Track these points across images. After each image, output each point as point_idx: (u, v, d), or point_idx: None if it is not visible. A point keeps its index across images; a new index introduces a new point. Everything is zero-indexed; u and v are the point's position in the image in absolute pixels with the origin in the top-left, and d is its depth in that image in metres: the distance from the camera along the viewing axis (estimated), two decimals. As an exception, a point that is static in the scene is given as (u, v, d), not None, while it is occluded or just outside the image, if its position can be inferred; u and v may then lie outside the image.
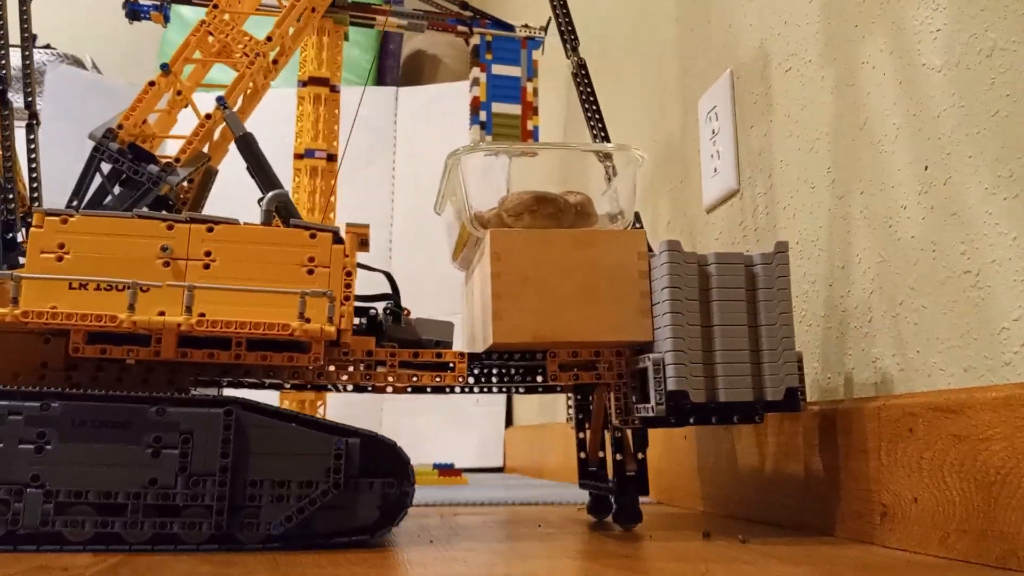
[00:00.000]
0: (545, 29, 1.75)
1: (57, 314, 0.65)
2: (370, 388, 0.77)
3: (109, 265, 0.69)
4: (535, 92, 1.73)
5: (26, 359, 0.72)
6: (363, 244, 0.75)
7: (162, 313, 0.67)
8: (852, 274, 0.77)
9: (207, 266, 0.70)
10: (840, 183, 0.79)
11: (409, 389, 0.78)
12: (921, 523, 0.63)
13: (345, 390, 0.77)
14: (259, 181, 0.81)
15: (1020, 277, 0.58)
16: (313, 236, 0.71)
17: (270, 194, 0.73)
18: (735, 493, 0.91)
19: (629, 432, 0.80)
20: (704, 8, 1.10)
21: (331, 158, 1.63)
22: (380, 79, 2.71)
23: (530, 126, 1.72)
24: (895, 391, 0.70)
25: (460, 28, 1.72)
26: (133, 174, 0.79)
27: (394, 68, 2.72)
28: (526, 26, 1.73)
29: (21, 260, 0.81)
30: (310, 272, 0.71)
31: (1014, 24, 0.59)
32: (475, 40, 1.73)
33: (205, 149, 0.85)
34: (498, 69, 1.72)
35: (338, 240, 0.72)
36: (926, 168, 0.68)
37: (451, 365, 0.76)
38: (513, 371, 0.77)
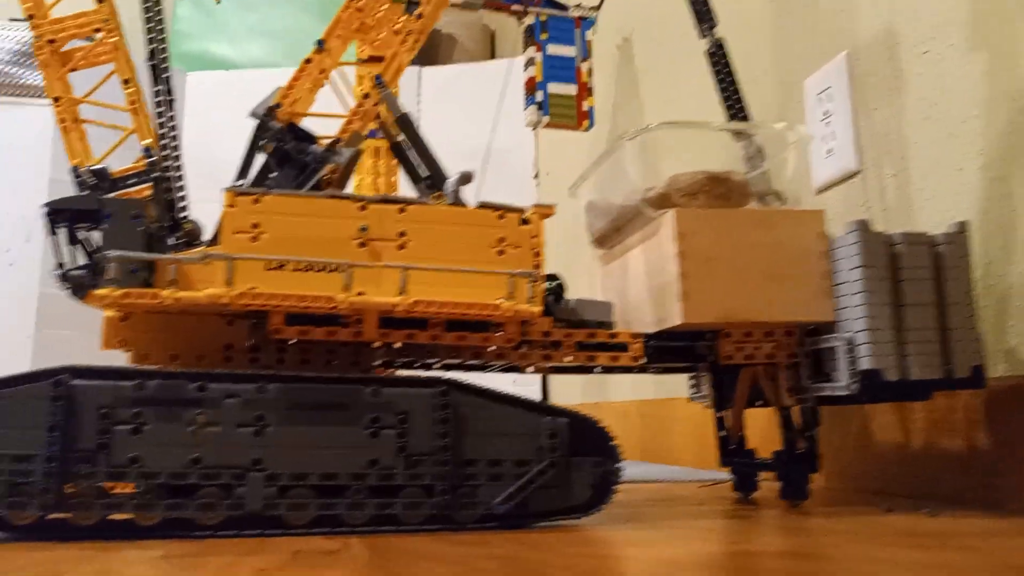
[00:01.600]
0: (597, 8, 1.74)
1: (274, 295, 0.63)
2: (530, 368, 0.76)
3: (302, 245, 0.67)
4: (590, 72, 1.72)
5: (210, 341, 0.71)
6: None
7: (360, 293, 0.66)
8: (1014, 253, 0.78)
9: (402, 246, 0.69)
10: (995, 165, 0.81)
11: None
12: (1124, 495, 0.64)
13: (522, 371, 0.77)
14: (422, 160, 0.80)
15: None
16: (501, 217, 0.71)
17: (458, 174, 0.72)
18: (870, 469, 0.93)
19: (796, 410, 0.80)
20: (809, -10, 1.11)
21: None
22: (399, 58, 2.67)
23: (585, 106, 1.72)
24: (1071, 368, 0.72)
25: (515, 7, 1.70)
26: (298, 153, 0.77)
27: (412, 47, 2.68)
28: (579, 6, 1.73)
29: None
30: (500, 253, 0.70)
31: None
32: (529, 20, 1.71)
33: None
34: (553, 49, 1.71)
35: (524, 221, 0.72)
36: (1114, 150, 0.69)
37: (626, 346, 0.76)
38: (685, 351, 0.78)
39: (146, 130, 0.77)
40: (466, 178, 0.72)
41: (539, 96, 1.69)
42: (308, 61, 0.80)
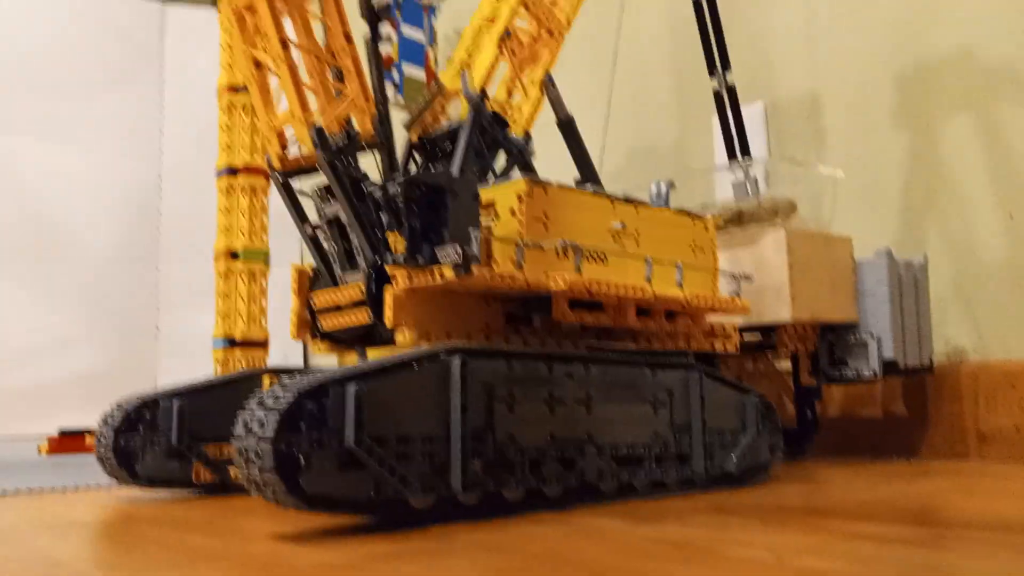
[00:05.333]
0: (443, -3, 1.81)
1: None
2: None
3: (572, 234, 0.72)
4: (435, 60, 1.79)
5: (473, 320, 0.72)
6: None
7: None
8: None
9: (637, 242, 0.77)
10: (911, 211, 1.14)
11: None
12: (1023, 443, 1.00)
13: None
14: (577, 161, 0.88)
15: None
16: (694, 222, 0.83)
17: (667, 180, 0.82)
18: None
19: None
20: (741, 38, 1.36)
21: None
22: (132, -13, 2.37)
23: (430, 93, 1.78)
24: (968, 360, 1.07)
25: (373, -19, 1.70)
26: (504, 140, 0.80)
27: (147, -22, 2.40)
28: (428, -8, 1.79)
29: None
30: (694, 253, 0.83)
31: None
32: (385, -4, 1.72)
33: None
34: (406, 30, 1.75)
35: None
36: (1011, 216, 1.05)
37: (730, 335, 0.93)
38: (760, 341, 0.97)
39: (368, 93, 0.73)
40: (672, 184, 0.83)
41: (395, 76, 1.72)
42: (500, 51, 0.82)
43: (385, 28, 1.72)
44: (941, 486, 0.79)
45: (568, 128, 0.87)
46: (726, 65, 1.12)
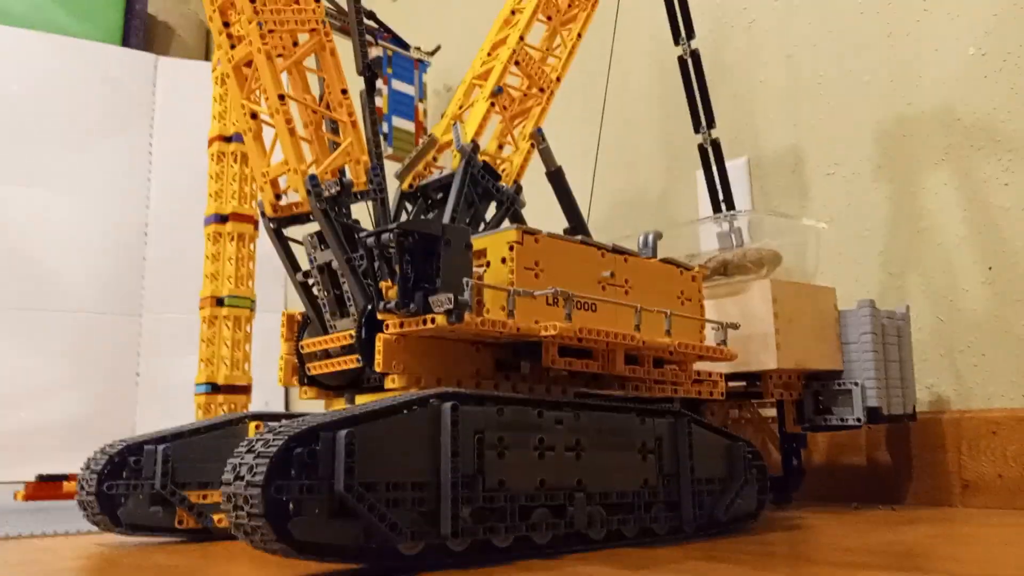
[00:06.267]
0: (432, 54, 1.85)
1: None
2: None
3: (563, 283, 0.73)
4: (425, 113, 1.82)
5: (463, 365, 0.72)
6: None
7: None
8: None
9: (626, 291, 0.79)
10: (892, 264, 1.16)
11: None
12: (1006, 491, 1.01)
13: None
14: (566, 211, 0.89)
15: (1084, 345, 1.00)
16: (681, 272, 0.84)
17: (654, 231, 0.84)
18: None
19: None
20: (725, 95, 1.39)
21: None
22: (125, 39, 2.41)
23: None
24: (950, 408, 1.09)
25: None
26: (496, 191, 0.81)
27: (139, 30, 2.44)
28: (418, 48, 1.83)
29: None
30: (682, 303, 0.84)
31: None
32: (376, 52, 1.76)
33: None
34: (396, 85, 1.78)
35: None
36: (990, 268, 1.08)
37: (716, 382, 0.94)
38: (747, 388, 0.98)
39: (362, 145, 0.75)
40: (659, 235, 0.84)
41: (384, 127, 1.74)
42: (493, 105, 0.84)
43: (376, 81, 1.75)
44: (926, 533, 0.80)
45: (557, 178, 0.89)
46: (711, 122, 1.14)
